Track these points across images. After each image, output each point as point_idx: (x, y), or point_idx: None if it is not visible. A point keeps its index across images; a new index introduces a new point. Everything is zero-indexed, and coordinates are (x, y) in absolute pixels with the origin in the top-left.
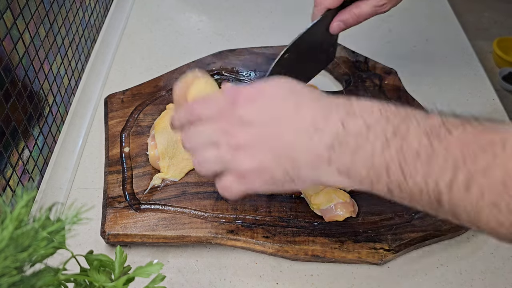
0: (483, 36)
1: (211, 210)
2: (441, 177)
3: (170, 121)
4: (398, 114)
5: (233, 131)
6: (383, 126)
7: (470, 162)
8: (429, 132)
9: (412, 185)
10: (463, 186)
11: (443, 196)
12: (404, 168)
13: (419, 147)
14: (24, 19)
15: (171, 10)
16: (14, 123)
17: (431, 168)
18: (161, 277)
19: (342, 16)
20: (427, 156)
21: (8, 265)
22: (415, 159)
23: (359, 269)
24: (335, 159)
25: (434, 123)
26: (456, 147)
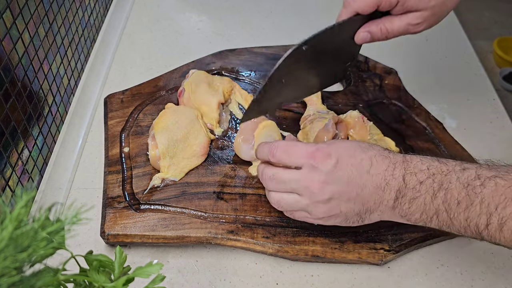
0: (484, 36)
1: (211, 210)
2: (479, 220)
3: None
4: (441, 171)
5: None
6: (431, 182)
7: (501, 209)
8: (466, 186)
9: (457, 225)
10: (498, 227)
11: (483, 233)
12: (449, 213)
13: (459, 197)
14: (23, 19)
15: (171, 10)
16: (14, 123)
17: (470, 213)
18: (161, 277)
19: (372, 27)
20: (466, 205)
21: (8, 265)
22: (457, 207)
23: (359, 269)
24: (397, 207)
25: (470, 177)
26: (489, 198)
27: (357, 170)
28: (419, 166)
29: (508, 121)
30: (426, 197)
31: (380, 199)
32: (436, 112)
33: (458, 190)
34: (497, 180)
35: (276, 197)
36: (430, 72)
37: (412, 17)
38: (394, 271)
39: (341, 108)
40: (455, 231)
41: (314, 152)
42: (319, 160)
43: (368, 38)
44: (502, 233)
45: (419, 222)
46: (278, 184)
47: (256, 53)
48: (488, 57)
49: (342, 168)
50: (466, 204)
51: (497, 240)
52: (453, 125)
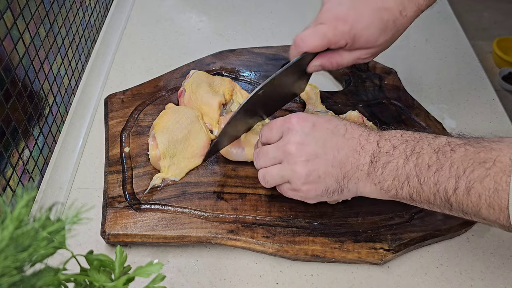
0: (483, 36)
1: (211, 210)
2: (448, 184)
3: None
4: (414, 138)
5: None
6: (404, 147)
7: (469, 173)
8: (437, 150)
9: (427, 190)
10: (465, 191)
11: (451, 198)
12: (420, 178)
13: (430, 161)
14: (24, 19)
15: (171, 10)
16: (14, 123)
17: (439, 177)
18: (161, 277)
19: (322, 60)
20: (436, 169)
21: (8, 265)
22: (428, 170)
23: (359, 269)
24: (372, 172)
25: (441, 143)
26: (458, 162)
27: (332, 133)
28: (393, 134)
29: (507, 121)
30: (398, 161)
31: (357, 162)
32: (435, 112)
33: (429, 154)
34: (466, 147)
35: (262, 172)
36: (430, 72)
37: (361, 53)
38: (393, 271)
39: (341, 108)
40: (424, 201)
41: (291, 117)
42: (295, 122)
43: (319, 69)
44: (469, 197)
45: (391, 190)
46: (263, 158)
47: (256, 53)
48: (487, 57)
49: (318, 130)
50: (437, 168)
51: (464, 206)
52: (453, 125)
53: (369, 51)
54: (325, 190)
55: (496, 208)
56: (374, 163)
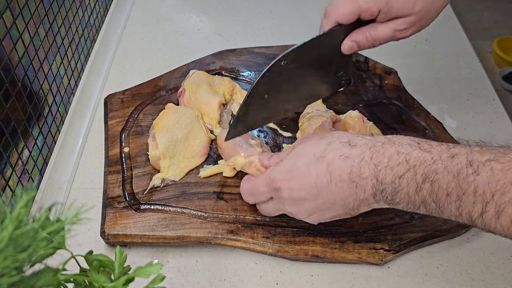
0: (483, 36)
1: (211, 210)
2: (473, 209)
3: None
4: (424, 161)
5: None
6: (412, 174)
7: (498, 196)
8: (456, 175)
9: (447, 213)
10: (494, 215)
11: (477, 221)
12: (438, 204)
13: (449, 188)
14: (23, 19)
15: (171, 10)
16: (14, 123)
17: (462, 203)
18: (161, 277)
19: (356, 36)
20: (457, 196)
21: (8, 265)
22: (447, 197)
23: (359, 269)
24: (380, 200)
25: (461, 164)
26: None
27: (316, 186)
28: (395, 159)
29: (508, 121)
30: (409, 190)
31: (357, 199)
32: (436, 112)
33: (447, 180)
34: (492, 165)
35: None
36: (430, 72)
37: (398, 23)
38: (394, 271)
39: (341, 108)
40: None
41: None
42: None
43: (355, 47)
44: (499, 221)
45: (408, 210)
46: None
47: (256, 53)
48: (488, 57)
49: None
50: (457, 195)
51: (492, 228)
52: (453, 125)
53: (406, 20)
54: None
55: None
56: (378, 194)
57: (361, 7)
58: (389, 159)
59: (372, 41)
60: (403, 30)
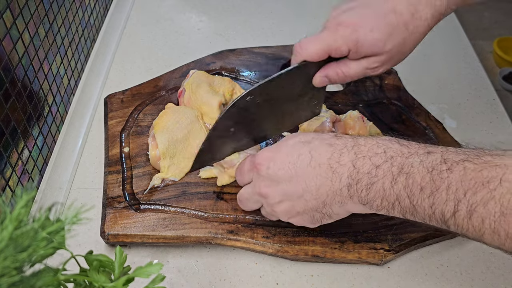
0: (483, 36)
1: (211, 210)
2: (445, 207)
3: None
4: (401, 153)
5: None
6: (389, 165)
7: (470, 195)
8: (431, 170)
9: (421, 212)
10: (466, 215)
11: (449, 221)
12: (412, 200)
13: (423, 183)
14: (23, 19)
15: (171, 10)
16: (14, 123)
17: (435, 200)
18: (161, 277)
19: (328, 71)
20: (431, 191)
21: (8, 265)
22: (420, 193)
23: (359, 269)
24: (354, 194)
25: (436, 161)
26: (457, 183)
27: (295, 166)
28: (374, 149)
29: (508, 121)
30: (384, 182)
31: (332, 189)
32: (436, 112)
33: (422, 174)
34: (465, 164)
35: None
36: (430, 72)
37: (370, 62)
38: (394, 271)
39: (341, 108)
40: (419, 219)
41: (253, 161)
42: (256, 168)
43: (326, 82)
44: (471, 221)
45: (381, 210)
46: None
47: (256, 53)
48: (488, 57)
49: (280, 167)
50: (431, 190)
51: (464, 229)
52: (453, 125)
53: (377, 58)
54: (311, 220)
55: (502, 234)
56: (353, 185)
57: (330, 46)
58: (369, 150)
59: (343, 77)
60: (375, 68)
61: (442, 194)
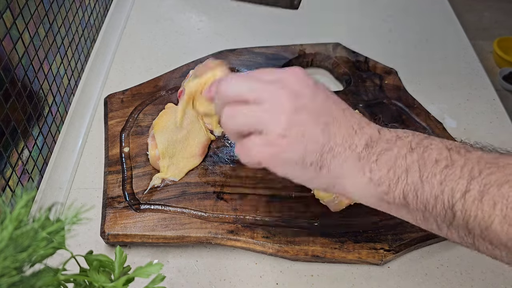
0: (484, 36)
1: (211, 210)
2: (457, 185)
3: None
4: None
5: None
6: (410, 139)
7: (486, 174)
8: (450, 148)
9: (428, 190)
10: (477, 195)
11: (457, 204)
12: (422, 173)
13: (439, 156)
14: (23, 19)
15: (171, 10)
16: (14, 123)
17: (447, 175)
18: (161, 277)
19: None
20: (445, 165)
21: (8, 265)
22: (434, 165)
23: (359, 269)
24: (364, 157)
25: (455, 143)
26: (473, 162)
27: (334, 102)
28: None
29: (508, 121)
30: (400, 150)
31: (349, 139)
32: (436, 112)
33: (440, 150)
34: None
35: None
36: (430, 72)
37: None
38: (394, 271)
39: None
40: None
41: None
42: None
43: None
44: (481, 203)
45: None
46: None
47: (256, 53)
48: (488, 57)
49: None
50: (446, 164)
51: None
52: (453, 125)
53: None
54: (301, 156)
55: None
56: (369, 147)
57: None
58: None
59: None
60: None
61: (456, 170)
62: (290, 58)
